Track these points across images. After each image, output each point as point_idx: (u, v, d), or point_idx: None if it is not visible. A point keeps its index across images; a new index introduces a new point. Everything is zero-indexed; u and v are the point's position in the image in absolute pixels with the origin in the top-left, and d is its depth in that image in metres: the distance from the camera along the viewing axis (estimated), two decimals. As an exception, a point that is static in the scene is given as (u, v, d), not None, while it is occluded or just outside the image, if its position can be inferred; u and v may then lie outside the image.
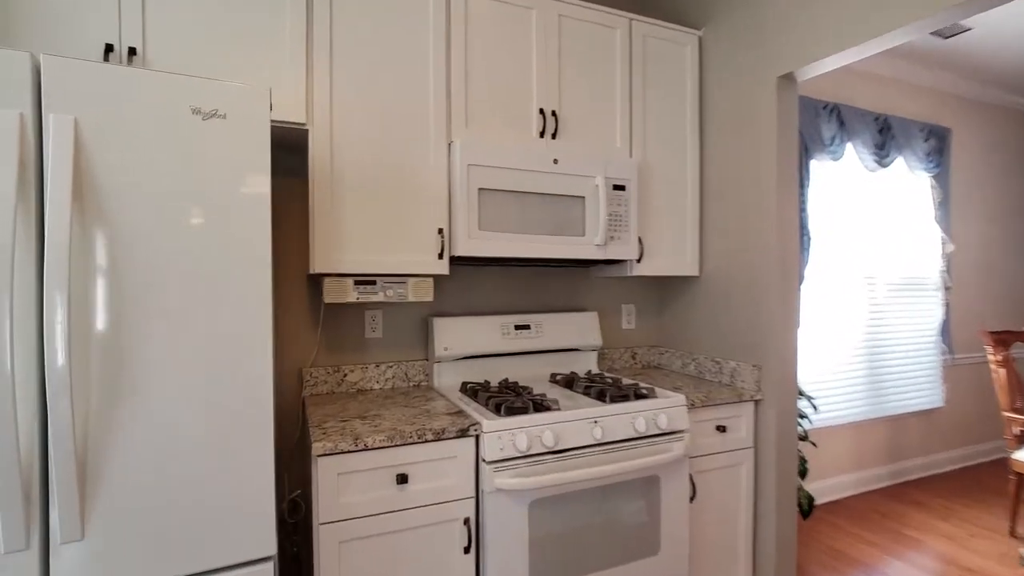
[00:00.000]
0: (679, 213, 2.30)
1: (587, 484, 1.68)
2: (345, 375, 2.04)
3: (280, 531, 1.71)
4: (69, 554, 1.01)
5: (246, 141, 1.12)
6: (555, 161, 1.95)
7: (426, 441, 1.52)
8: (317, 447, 1.41)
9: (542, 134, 2.02)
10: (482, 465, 1.57)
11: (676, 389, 2.08)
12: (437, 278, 2.21)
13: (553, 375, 2.19)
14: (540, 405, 1.72)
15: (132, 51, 1.48)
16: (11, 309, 0.94)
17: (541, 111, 2.01)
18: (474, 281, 2.28)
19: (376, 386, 2.09)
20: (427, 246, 1.85)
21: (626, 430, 1.75)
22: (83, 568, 1.02)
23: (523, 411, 1.68)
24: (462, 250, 1.81)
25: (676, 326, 2.54)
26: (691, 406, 1.92)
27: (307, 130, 1.70)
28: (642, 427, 1.75)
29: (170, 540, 1.08)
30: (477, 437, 1.60)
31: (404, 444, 1.50)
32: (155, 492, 1.07)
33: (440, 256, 1.85)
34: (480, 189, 1.83)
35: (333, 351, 2.05)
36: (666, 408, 1.82)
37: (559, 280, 2.45)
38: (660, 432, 1.80)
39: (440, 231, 1.85)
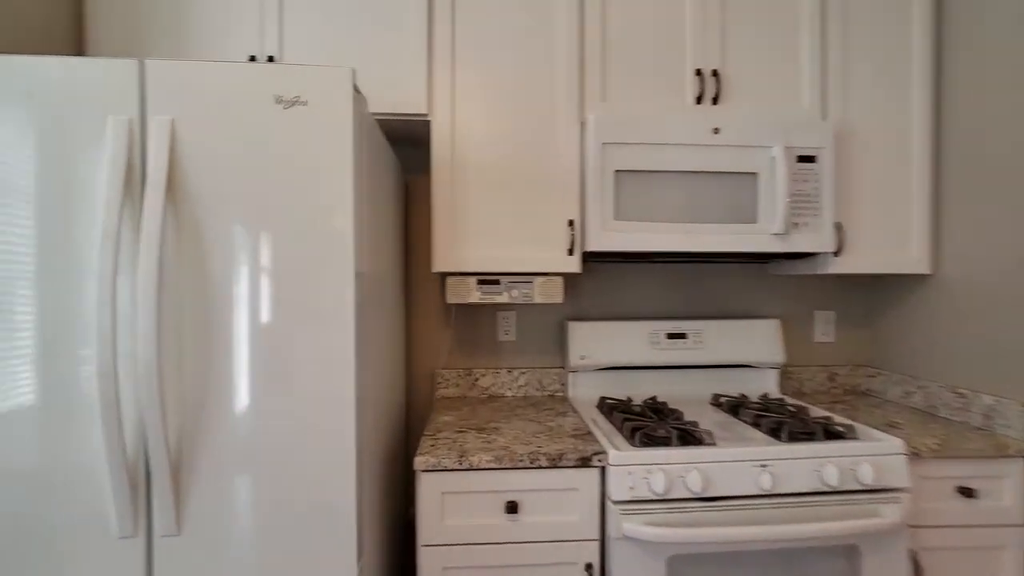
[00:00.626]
0: (899, 190, 1.71)
1: (747, 546, 1.29)
2: (477, 379, 1.93)
3: (403, 544, 1.65)
4: (168, 546, 1.03)
5: (327, 126, 1.03)
6: (716, 131, 1.57)
7: (539, 467, 1.30)
8: (419, 461, 1.29)
9: (699, 99, 1.64)
10: (608, 504, 1.30)
11: (891, 428, 1.52)
12: (569, 277, 1.97)
13: (716, 397, 1.79)
14: (688, 436, 1.38)
15: (270, 59, 1.54)
16: (113, 308, 0.97)
17: (698, 72, 1.64)
18: (616, 280, 1.98)
19: (508, 393, 1.93)
20: (555, 241, 1.62)
21: (809, 481, 1.30)
22: (181, 561, 1.02)
23: (664, 442, 1.35)
24: (595, 244, 1.55)
25: (895, 341, 1.91)
26: (915, 455, 1.37)
27: (429, 121, 1.61)
28: (834, 479, 1.29)
29: (253, 548, 1.04)
30: (602, 469, 1.33)
31: (513, 468, 1.30)
32: (239, 500, 1.04)
33: (570, 252, 1.61)
34: (617, 172, 1.55)
35: (465, 353, 1.95)
36: (873, 455, 1.32)
37: (726, 279, 2.02)
38: (863, 488, 1.31)
39: (570, 223, 1.62)
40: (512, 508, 1.29)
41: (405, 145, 1.89)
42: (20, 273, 0.98)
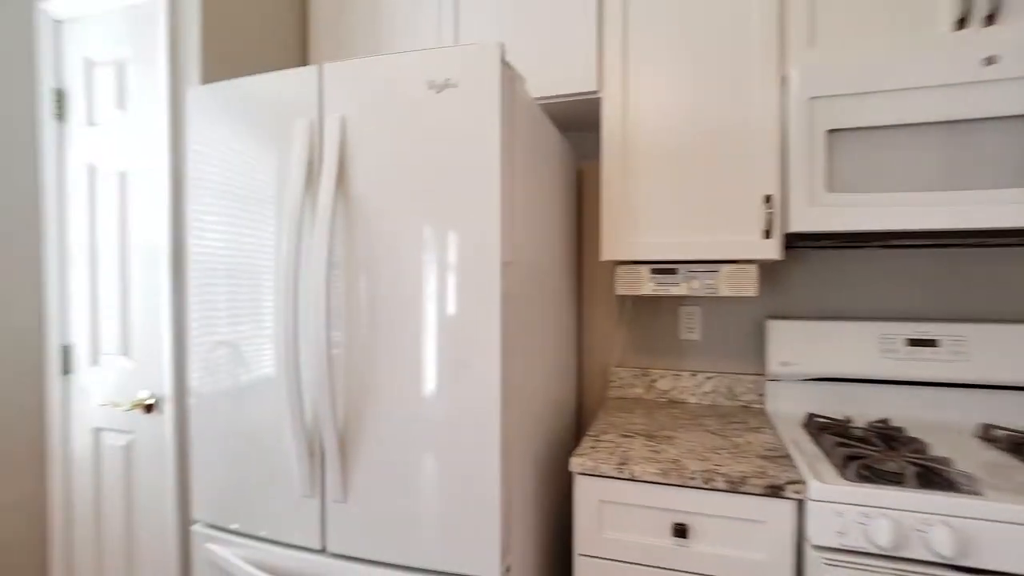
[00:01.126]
0: None
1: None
2: (654, 380, 1.75)
3: (565, 549, 1.56)
4: (337, 510, 1.11)
5: (474, 105, 1.00)
6: (989, 61, 1.14)
7: (715, 489, 1.10)
8: (575, 462, 1.19)
9: (961, 22, 1.21)
10: (807, 548, 1.03)
11: None
12: (766, 266, 1.65)
13: (986, 428, 1.31)
14: (934, 476, 1.02)
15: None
16: (296, 296, 1.08)
17: (960, -14, 1.21)
18: (831, 270, 1.60)
19: (691, 399, 1.71)
20: (746, 222, 1.37)
21: None
22: (347, 526, 1.10)
23: (894, 479, 1.02)
24: (800, 224, 1.26)
25: None
26: None
27: (599, 98, 1.50)
28: None
29: (405, 526, 1.06)
30: (799, 503, 1.06)
31: (682, 486, 1.12)
32: (395, 478, 1.07)
33: (767, 234, 1.34)
34: (831, 132, 1.23)
35: (642, 351, 1.78)
36: None
37: (1002, 268, 1.48)
38: None
39: (767, 199, 1.34)
40: (680, 531, 1.11)
41: (577, 131, 1.80)
42: (266, 267, 1.16)
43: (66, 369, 1.65)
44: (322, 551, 1.14)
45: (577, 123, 1.72)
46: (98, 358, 1.61)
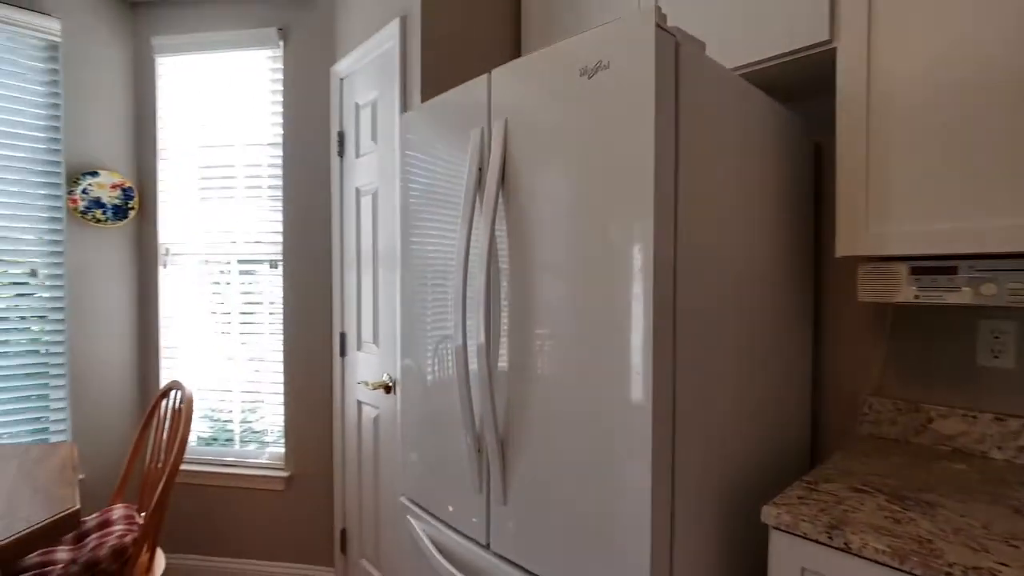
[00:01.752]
0: None
1: None
2: (930, 420, 1.28)
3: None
4: (499, 511, 1.12)
5: (625, 84, 0.88)
6: None
7: (984, 597, 0.73)
8: (768, 512, 0.95)
9: None
10: None
11: None
12: None
13: None
14: None
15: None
16: (464, 296, 1.13)
17: None
18: None
19: (993, 453, 1.20)
20: (1086, 193, 0.88)
21: None
22: (505, 528, 1.10)
23: None
24: None
25: None
26: None
27: (832, 49, 1.17)
28: None
29: (553, 541, 1.00)
30: None
31: (925, 579, 0.78)
32: (543, 491, 1.02)
33: None
34: None
35: (913, 378, 1.33)
36: None
37: None
38: None
39: None
40: (925, 644, 0.78)
41: (809, 98, 1.44)
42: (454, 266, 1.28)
43: (342, 352, 2.10)
44: (487, 547, 1.17)
45: (807, 88, 1.38)
46: (360, 345, 2.00)
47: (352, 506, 2.06)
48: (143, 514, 1.74)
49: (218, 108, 2.25)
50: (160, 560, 1.65)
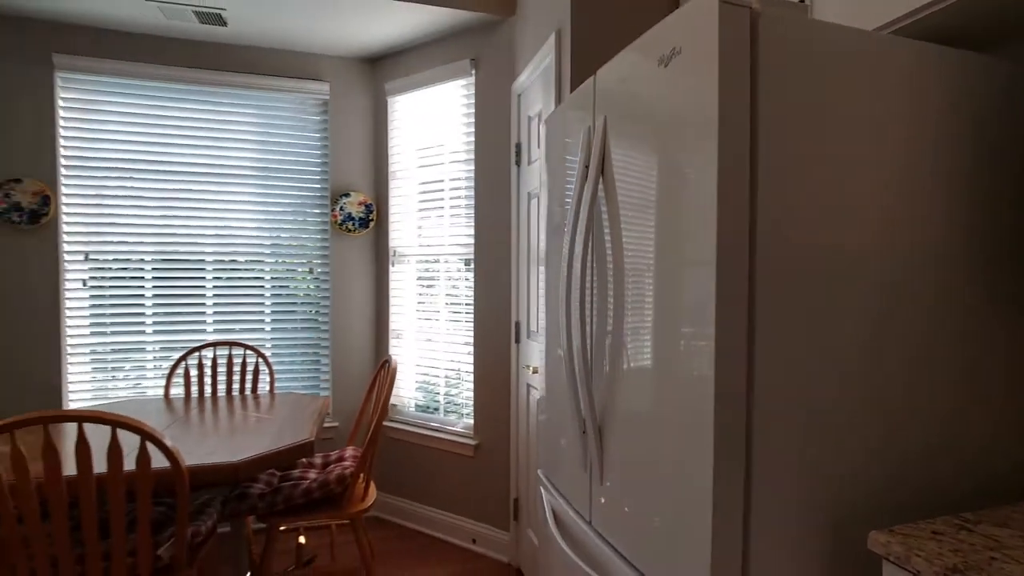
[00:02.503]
0: None
1: None
2: None
3: None
4: (598, 490, 1.17)
5: (694, 66, 0.85)
6: None
7: None
8: (876, 538, 0.81)
9: None
10: None
11: None
12: None
13: None
14: None
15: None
16: (569, 287, 1.21)
17: None
18: None
19: None
20: None
21: None
22: (603, 507, 1.15)
23: None
24: None
25: None
26: None
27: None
28: None
29: (635, 525, 1.02)
30: None
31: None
32: (626, 476, 1.04)
33: None
34: None
35: None
36: None
37: None
38: None
39: None
40: None
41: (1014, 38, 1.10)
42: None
43: (516, 339, 2.34)
44: (589, 522, 1.23)
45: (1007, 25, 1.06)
46: (529, 333, 2.20)
47: (523, 479, 2.28)
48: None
49: (429, 133, 2.73)
50: (372, 492, 2.11)
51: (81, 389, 2.60)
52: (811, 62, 0.89)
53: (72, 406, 2.55)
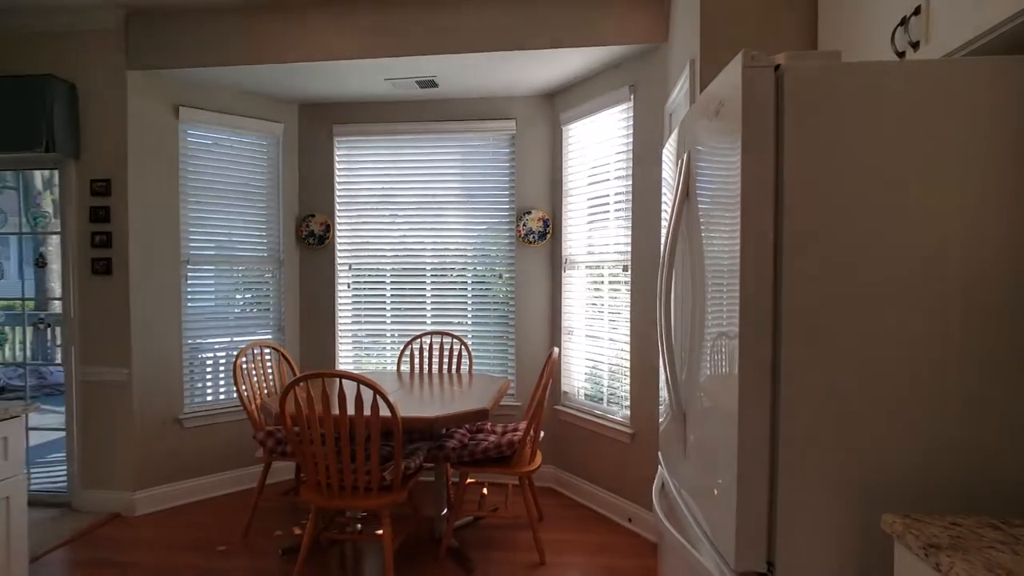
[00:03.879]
0: None
1: None
2: None
3: None
4: (683, 464, 1.40)
5: (731, 119, 1.05)
6: None
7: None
8: (887, 519, 0.93)
9: None
10: None
11: None
12: None
13: None
14: None
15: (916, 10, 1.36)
16: (668, 291, 1.46)
17: None
18: None
19: None
20: None
21: None
22: (686, 474, 1.38)
23: None
24: None
25: None
26: None
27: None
28: None
29: (701, 494, 1.24)
30: None
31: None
32: (699, 453, 1.26)
33: None
34: None
35: None
36: None
37: None
38: None
39: None
40: None
41: None
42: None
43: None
44: (679, 492, 1.46)
45: None
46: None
47: (671, 468, 2.48)
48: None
49: (596, 154, 3.08)
50: (538, 458, 2.57)
51: (346, 360, 3.63)
52: (841, 100, 1.02)
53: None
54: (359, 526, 2.74)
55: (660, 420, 1.82)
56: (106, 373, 3.02)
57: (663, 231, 1.87)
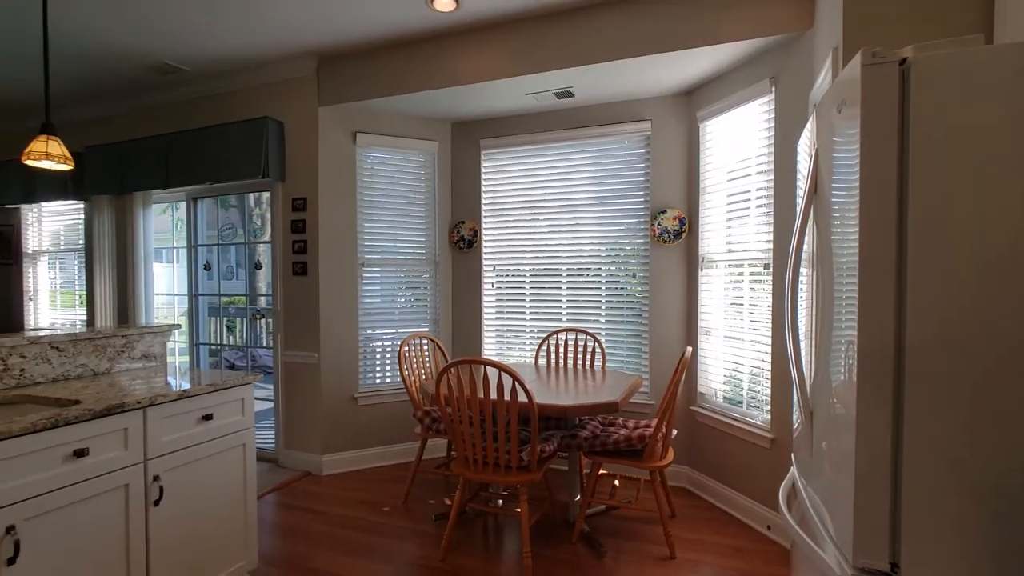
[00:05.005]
0: None
1: None
2: None
3: None
4: (809, 463, 1.39)
5: (851, 115, 1.05)
6: None
7: None
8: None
9: None
10: None
11: None
12: None
13: None
14: None
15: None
16: (795, 288, 1.46)
17: None
18: None
19: None
20: None
21: None
22: (812, 470, 1.38)
23: None
24: None
25: None
26: None
27: None
28: None
29: (825, 493, 1.23)
30: None
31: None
32: (824, 453, 1.26)
33: None
34: None
35: None
36: None
37: None
38: None
39: None
40: None
41: None
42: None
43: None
44: (805, 490, 1.44)
45: None
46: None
47: (815, 477, 2.35)
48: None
49: (735, 150, 3.00)
50: (670, 455, 2.60)
51: (489, 351, 3.97)
52: (982, 86, 0.98)
53: (486, 365, 3.93)
54: (500, 502, 3.02)
55: (793, 420, 1.79)
56: (302, 356, 3.69)
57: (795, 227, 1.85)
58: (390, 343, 3.90)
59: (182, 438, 1.94)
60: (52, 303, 5.07)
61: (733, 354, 3.04)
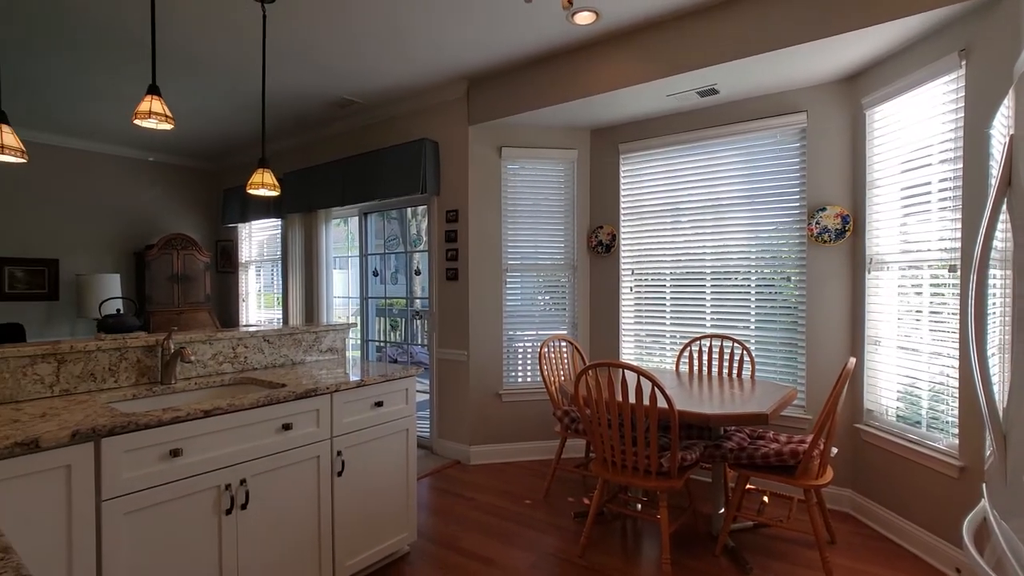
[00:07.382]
0: None
1: None
2: None
3: None
4: (1004, 493, 1.22)
5: None
6: None
7: None
8: None
9: None
10: None
11: None
12: None
13: None
14: None
15: None
16: (980, 290, 1.29)
17: None
18: None
19: None
20: None
21: None
22: (1007, 507, 1.21)
23: None
24: None
25: None
26: None
27: None
28: None
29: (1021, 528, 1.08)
30: None
31: None
32: (1019, 484, 1.10)
33: None
34: None
35: None
36: None
37: None
38: None
39: None
40: None
41: None
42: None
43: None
44: (998, 523, 1.26)
45: None
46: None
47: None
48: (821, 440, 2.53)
49: (911, 137, 2.66)
50: (828, 474, 2.39)
51: (627, 356, 3.96)
52: None
53: (625, 369, 3.93)
54: (639, 506, 3.01)
55: (986, 446, 1.56)
56: (453, 354, 4.03)
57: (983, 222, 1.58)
58: (531, 344, 4.09)
59: (359, 420, 2.28)
60: (257, 304, 6.13)
61: (909, 368, 2.68)
